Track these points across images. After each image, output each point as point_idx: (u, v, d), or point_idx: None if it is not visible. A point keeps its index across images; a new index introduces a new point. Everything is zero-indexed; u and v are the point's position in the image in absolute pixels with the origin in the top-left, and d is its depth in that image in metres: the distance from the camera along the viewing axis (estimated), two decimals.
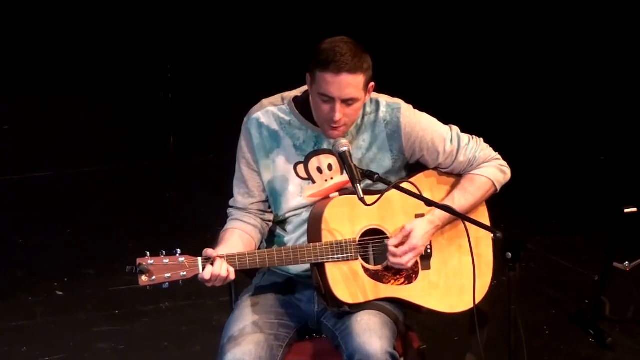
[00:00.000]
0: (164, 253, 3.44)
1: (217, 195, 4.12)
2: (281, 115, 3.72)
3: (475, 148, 3.76)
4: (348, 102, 3.56)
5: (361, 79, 3.55)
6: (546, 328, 5.29)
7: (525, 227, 6.35)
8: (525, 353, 3.52)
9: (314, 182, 3.72)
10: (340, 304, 3.61)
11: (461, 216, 3.58)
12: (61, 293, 5.74)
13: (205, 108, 7.98)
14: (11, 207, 6.86)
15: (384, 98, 3.74)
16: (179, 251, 3.45)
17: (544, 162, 7.43)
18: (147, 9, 7.95)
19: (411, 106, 3.75)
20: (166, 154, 7.78)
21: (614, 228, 5.04)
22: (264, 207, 3.77)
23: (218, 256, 3.48)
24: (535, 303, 5.46)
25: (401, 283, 3.68)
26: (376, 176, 3.57)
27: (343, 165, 3.60)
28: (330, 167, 3.71)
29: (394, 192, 3.59)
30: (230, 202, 3.80)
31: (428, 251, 3.70)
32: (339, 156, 3.59)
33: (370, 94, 3.67)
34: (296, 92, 3.76)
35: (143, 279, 3.42)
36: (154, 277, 3.42)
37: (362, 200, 3.47)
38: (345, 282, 3.61)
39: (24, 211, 6.80)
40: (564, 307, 5.44)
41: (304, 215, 3.71)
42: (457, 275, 3.73)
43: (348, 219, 3.63)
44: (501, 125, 7.40)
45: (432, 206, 3.60)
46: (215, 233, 3.76)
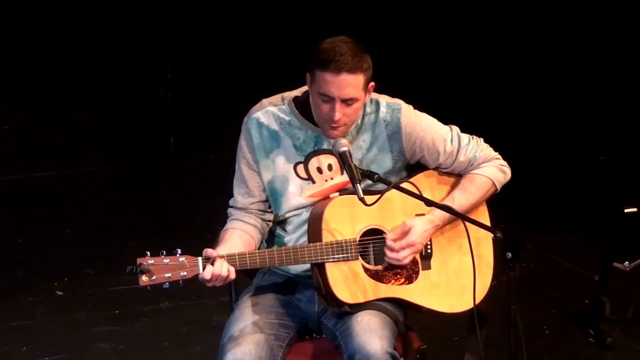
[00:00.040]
0: (164, 253, 3.44)
1: (217, 195, 4.12)
2: (281, 115, 3.72)
3: (475, 148, 3.76)
4: (348, 102, 3.55)
5: (361, 79, 3.55)
6: (546, 328, 5.28)
7: (525, 227, 6.34)
8: (525, 353, 3.51)
9: (314, 182, 3.71)
10: (340, 304, 3.61)
11: (461, 216, 3.58)
12: (61, 293, 5.74)
13: (205, 108, 7.98)
14: (11, 207, 6.86)
15: (384, 98, 3.74)
16: (179, 251, 3.45)
17: (544, 162, 7.43)
18: (147, 9, 7.95)
19: (411, 106, 3.75)
20: (166, 154, 7.78)
21: (614, 228, 5.04)
22: (264, 207, 3.77)
23: (218, 256, 3.47)
24: (535, 303, 5.46)
25: (401, 283, 3.67)
26: (376, 176, 3.57)
27: (343, 165, 3.60)
28: (330, 167, 3.71)
29: (394, 192, 3.59)
30: (230, 202, 3.80)
31: (428, 251, 3.70)
32: (339, 156, 3.59)
33: (370, 94, 3.67)
34: (296, 92, 3.75)
35: (143, 279, 3.42)
36: (155, 277, 3.41)
37: (362, 200, 3.47)
38: (345, 282, 3.61)
39: (24, 211, 6.80)
40: (564, 307, 5.44)
41: (304, 215, 3.71)
42: (458, 275, 3.73)
43: (348, 219, 3.63)
44: (501, 125, 7.40)
45: (432, 206, 3.60)
46: (215, 233, 3.76)
